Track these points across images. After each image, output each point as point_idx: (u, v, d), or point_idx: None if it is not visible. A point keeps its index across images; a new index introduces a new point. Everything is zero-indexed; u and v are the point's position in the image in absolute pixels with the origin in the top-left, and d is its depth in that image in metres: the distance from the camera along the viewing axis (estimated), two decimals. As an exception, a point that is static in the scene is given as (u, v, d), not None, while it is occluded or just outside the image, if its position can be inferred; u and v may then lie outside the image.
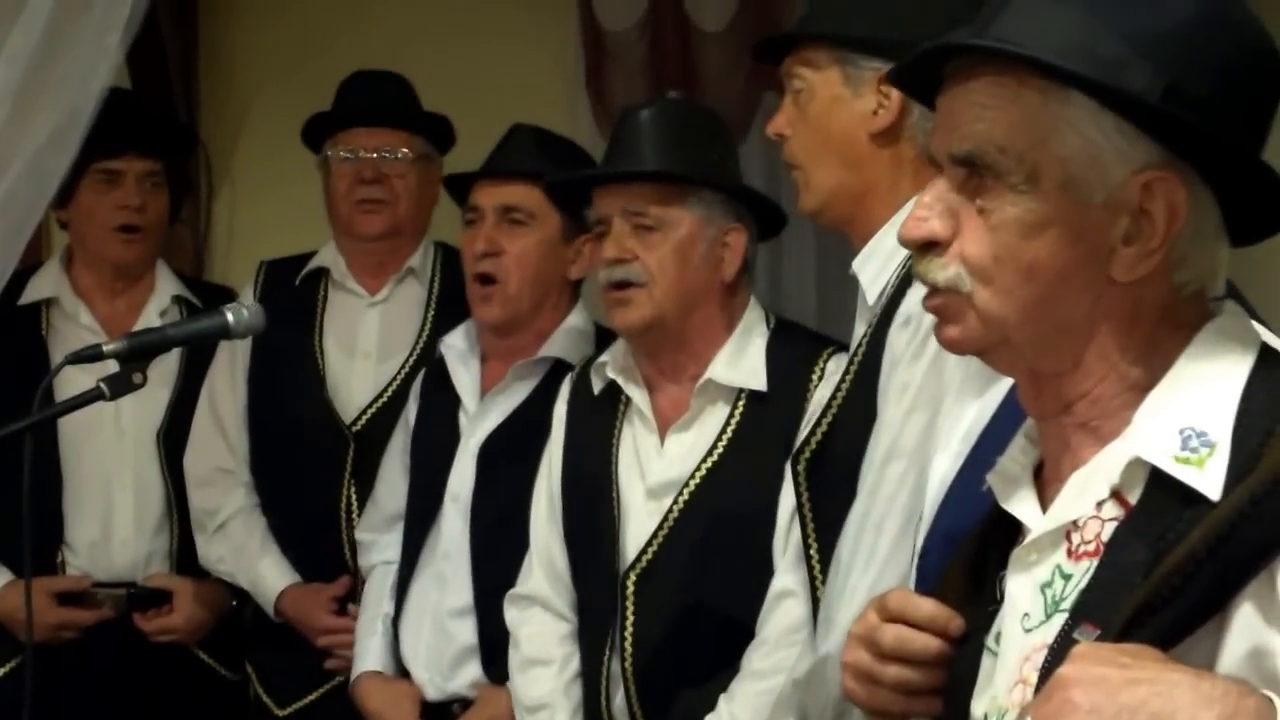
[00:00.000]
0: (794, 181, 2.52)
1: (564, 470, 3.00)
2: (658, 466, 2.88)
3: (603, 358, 2.97)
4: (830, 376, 2.76)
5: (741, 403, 2.86)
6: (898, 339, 2.30)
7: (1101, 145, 1.44)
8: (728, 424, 2.85)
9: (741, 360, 2.87)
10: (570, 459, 2.99)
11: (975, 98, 1.47)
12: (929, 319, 2.14)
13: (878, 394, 2.34)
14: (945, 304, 1.51)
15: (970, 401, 1.85)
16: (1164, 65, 1.42)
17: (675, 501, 2.83)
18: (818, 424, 2.51)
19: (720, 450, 2.84)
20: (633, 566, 2.83)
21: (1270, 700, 1.31)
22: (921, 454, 2.23)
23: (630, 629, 2.81)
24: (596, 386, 2.97)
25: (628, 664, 2.81)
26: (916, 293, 2.20)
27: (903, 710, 1.61)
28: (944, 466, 1.93)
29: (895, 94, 2.37)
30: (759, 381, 2.85)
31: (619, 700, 2.83)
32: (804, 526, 2.56)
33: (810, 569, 2.56)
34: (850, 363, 2.47)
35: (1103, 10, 1.44)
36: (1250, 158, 1.45)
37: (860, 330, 2.48)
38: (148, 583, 3.64)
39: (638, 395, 2.92)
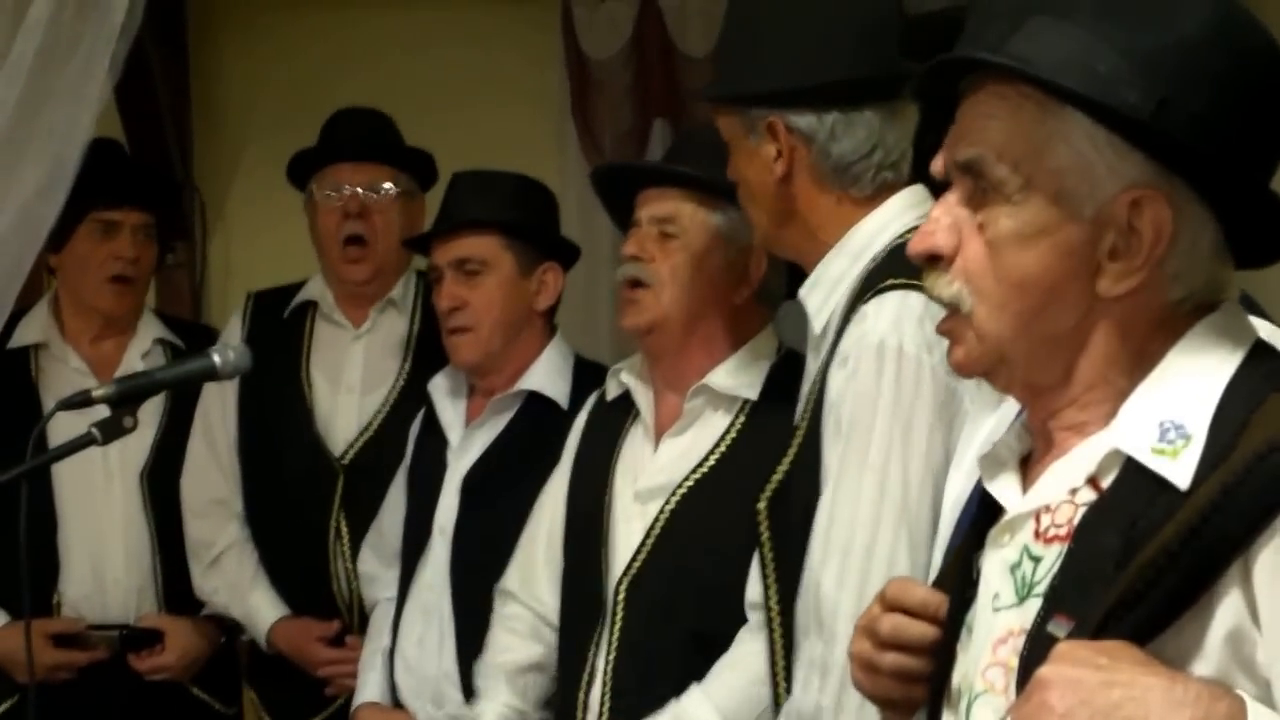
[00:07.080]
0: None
1: (571, 476, 3.04)
2: (648, 472, 2.90)
3: (620, 364, 3.03)
4: None
5: (742, 415, 2.86)
6: (835, 379, 2.29)
7: (1093, 160, 1.45)
8: (725, 434, 2.86)
9: (743, 374, 2.88)
10: (577, 466, 3.04)
11: (981, 109, 1.51)
12: (862, 360, 2.21)
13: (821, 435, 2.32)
14: (952, 328, 1.53)
15: (987, 417, 1.83)
16: (1159, 82, 1.43)
17: (662, 509, 2.85)
18: (781, 462, 2.52)
19: (714, 460, 2.85)
20: (626, 571, 2.85)
21: (1243, 701, 1.33)
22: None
23: (618, 631, 2.83)
24: (611, 392, 3.02)
25: (610, 660, 2.83)
26: (855, 330, 2.26)
27: (903, 696, 1.63)
28: (959, 484, 1.92)
29: (783, 134, 2.40)
30: (753, 391, 2.86)
31: (595, 695, 2.85)
32: (763, 567, 2.55)
33: (768, 608, 2.54)
34: (806, 402, 2.43)
35: (1107, 29, 1.45)
36: (1244, 173, 1.44)
37: (810, 363, 2.47)
38: (140, 623, 3.67)
39: (643, 401, 2.95)
